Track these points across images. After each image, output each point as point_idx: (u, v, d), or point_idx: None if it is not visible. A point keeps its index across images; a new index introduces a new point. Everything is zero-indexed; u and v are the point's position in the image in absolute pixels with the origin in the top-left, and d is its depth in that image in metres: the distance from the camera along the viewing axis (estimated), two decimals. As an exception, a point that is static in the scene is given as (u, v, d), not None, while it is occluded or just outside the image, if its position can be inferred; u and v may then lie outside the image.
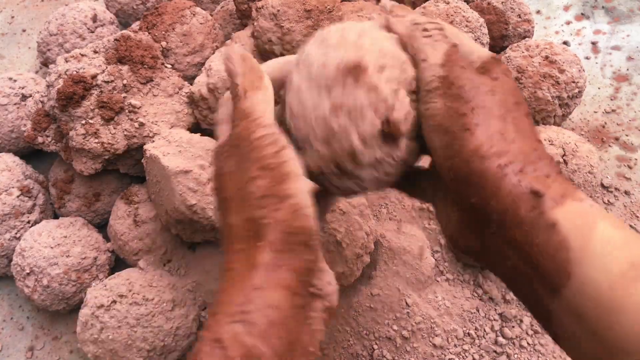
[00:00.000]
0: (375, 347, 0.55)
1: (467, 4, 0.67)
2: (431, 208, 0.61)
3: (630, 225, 0.63)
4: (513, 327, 0.57)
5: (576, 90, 0.63)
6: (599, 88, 0.73)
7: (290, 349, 0.24)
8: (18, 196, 0.63)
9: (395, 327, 0.55)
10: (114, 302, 0.53)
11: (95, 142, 0.57)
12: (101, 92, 0.58)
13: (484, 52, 0.29)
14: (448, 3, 0.62)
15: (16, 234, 0.63)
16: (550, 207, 0.23)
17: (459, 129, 0.25)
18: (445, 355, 0.54)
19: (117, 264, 0.63)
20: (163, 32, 0.65)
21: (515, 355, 0.56)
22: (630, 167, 0.66)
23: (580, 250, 0.22)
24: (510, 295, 0.59)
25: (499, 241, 0.25)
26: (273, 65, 0.32)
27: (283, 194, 0.25)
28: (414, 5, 0.69)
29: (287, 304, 0.24)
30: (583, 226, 0.23)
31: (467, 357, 0.55)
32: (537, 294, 0.24)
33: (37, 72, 0.82)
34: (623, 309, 0.21)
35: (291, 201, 0.25)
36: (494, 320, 0.58)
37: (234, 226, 0.26)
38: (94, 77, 0.58)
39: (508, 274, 0.26)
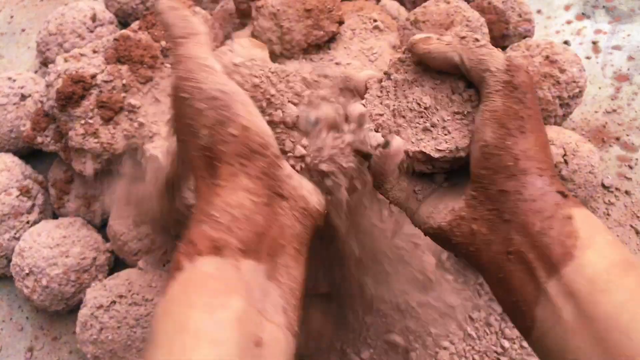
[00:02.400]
0: (376, 348, 0.54)
1: (468, 3, 0.66)
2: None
3: (631, 226, 0.63)
4: (514, 327, 0.57)
5: (577, 90, 0.63)
6: (599, 88, 0.73)
7: (256, 239, 0.27)
8: (17, 196, 0.63)
9: (396, 328, 0.55)
10: (114, 302, 0.53)
11: (94, 142, 0.57)
12: (100, 91, 0.58)
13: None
14: (448, 2, 0.62)
15: (15, 234, 0.63)
16: (569, 206, 0.28)
17: (515, 129, 0.29)
18: (446, 356, 0.54)
19: (117, 264, 0.63)
20: (163, 32, 0.65)
21: (516, 356, 0.56)
22: (631, 167, 0.66)
23: (587, 240, 0.27)
24: (511, 296, 0.59)
25: (509, 227, 0.29)
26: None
27: (230, 115, 0.28)
28: (414, 5, 0.68)
29: (248, 202, 0.27)
30: (591, 224, 0.28)
31: (468, 357, 0.55)
32: (533, 275, 0.28)
33: (36, 72, 0.82)
34: (614, 290, 0.25)
35: (239, 119, 0.28)
36: (495, 320, 0.58)
37: (194, 158, 0.29)
38: (93, 76, 0.58)
39: (499, 260, 0.29)
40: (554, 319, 0.27)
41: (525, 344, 0.57)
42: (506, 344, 0.56)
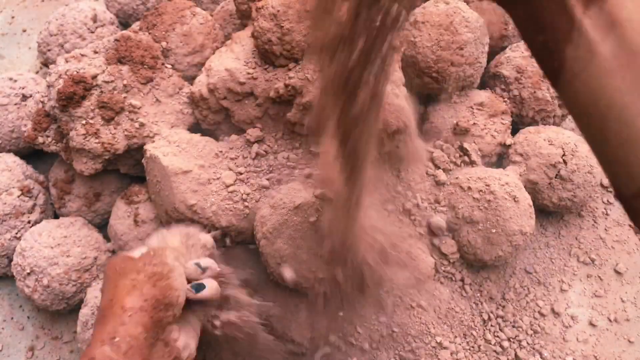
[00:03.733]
0: (377, 347, 0.55)
1: (467, 4, 0.67)
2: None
3: (630, 226, 0.63)
4: (513, 326, 0.58)
5: (576, 91, 0.63)
6: (598, 88, 0.73)
7: None
8: (18, 196, 0.63)
9: (396, 328, 0.55)
10: (114, 302, 0.53)
11: (95, 142, 0.57)
12: (101, 92, 0.58)
13: None
14: (448, 3, 0.63)
15: (16, 234, 0.63)
16: None
17: None
18: (445, 355, 0.55)
19: (118, 264, 0.63)
20: (163, 33, 0.65)
21: (515, 355, 0.56)
22: (629, 167, 0.66)
23: None
24: (510, 295, 0.59)
25: None
26: None
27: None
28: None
29: (142, 336, 0.36)
30: None
31: (467, 356, 0.55)
32: (567, 6, 0.23)
33: (37, 72, 0.83)
34: None
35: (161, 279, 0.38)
36: (494, 319, 0.58)
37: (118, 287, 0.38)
38: (94, 77, 0.58)
39: None
40: (587, 57, 0.23)
41: (524, 343, 0.57)
42: (506, 344, 0.57)
